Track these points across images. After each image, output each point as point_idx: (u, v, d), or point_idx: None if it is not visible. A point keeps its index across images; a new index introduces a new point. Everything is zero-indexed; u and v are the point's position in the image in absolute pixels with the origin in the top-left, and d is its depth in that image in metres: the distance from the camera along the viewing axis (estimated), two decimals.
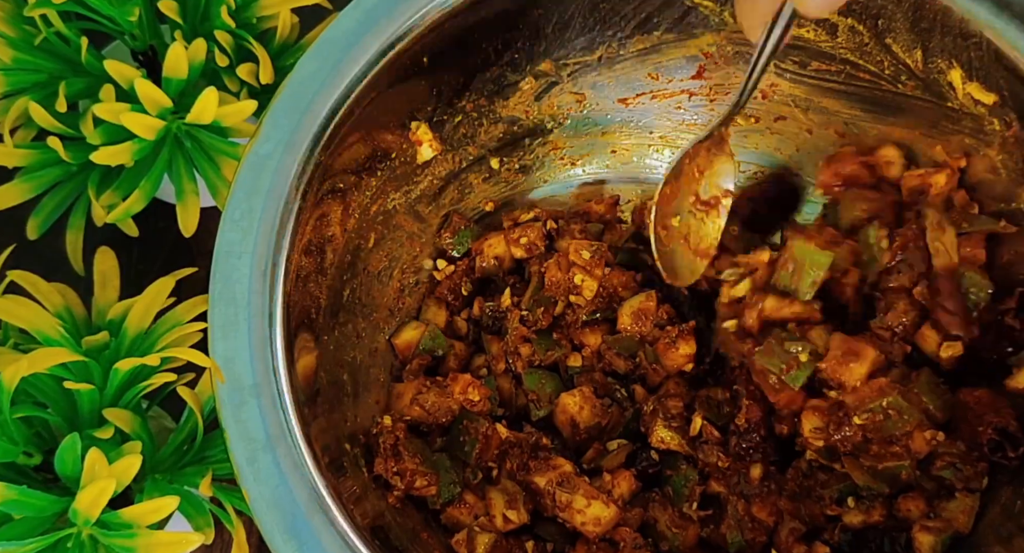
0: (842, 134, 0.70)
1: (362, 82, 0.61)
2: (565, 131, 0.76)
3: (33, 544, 0.53)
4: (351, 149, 0.63)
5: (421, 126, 0.68)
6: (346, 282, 0.66)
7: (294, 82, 0.60)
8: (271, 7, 0.69)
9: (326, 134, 0.60)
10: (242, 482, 0.53)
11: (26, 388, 0.59)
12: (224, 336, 0.56)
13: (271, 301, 0.57)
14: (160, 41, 0.72)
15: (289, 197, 0.58)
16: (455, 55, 0.66)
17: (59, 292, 0.63)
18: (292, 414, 0.55)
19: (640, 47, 0.71)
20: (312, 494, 0.53)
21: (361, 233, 0.67)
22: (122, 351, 0.61)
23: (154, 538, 0.54)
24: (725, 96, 0.73)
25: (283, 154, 0.59)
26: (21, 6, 0.67)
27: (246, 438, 0.54)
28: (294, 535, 0.52)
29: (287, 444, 0.54)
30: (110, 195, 0.68)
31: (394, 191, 0.69)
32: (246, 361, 0.55)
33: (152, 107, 0.63)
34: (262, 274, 0.57)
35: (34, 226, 0.69)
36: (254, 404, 0.54)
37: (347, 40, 0.61)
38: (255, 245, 0.57)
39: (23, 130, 0.68)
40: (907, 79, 0.65)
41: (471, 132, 0.72)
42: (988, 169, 0.63)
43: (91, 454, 0.54)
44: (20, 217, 0.69)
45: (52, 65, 0.68)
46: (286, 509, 0.53)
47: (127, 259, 0.68)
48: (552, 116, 0.75)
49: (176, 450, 0.63)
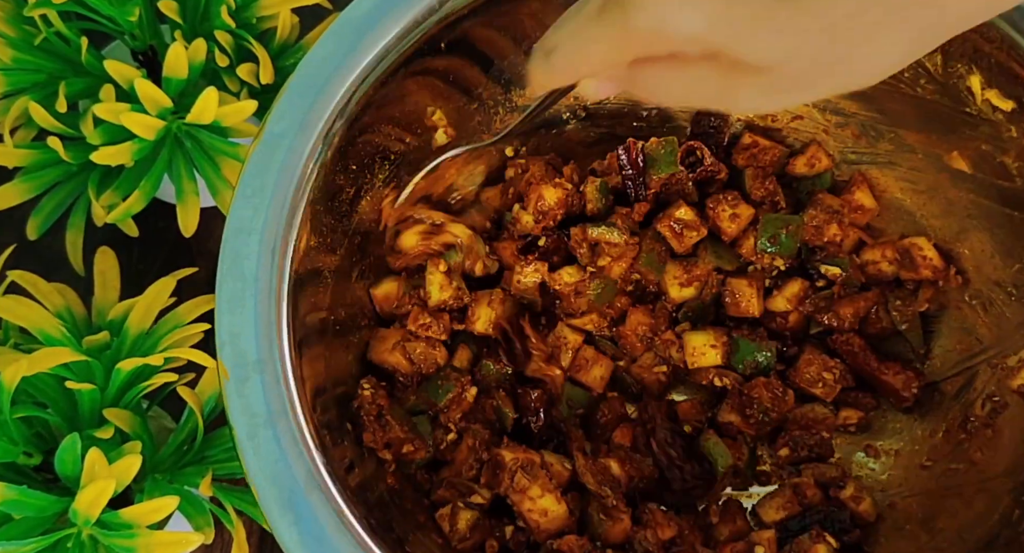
0: (858, 136, 0.70)
1: (379, 65, 0.61)
2: (581, 123, 0.75)
3: (33, 544, 0.53)
4: (365, 131, 0.63)
5: (437, 111, 0.68)
6: (355, 264, 0.66)
7: (310, 62, 0.60)
8: (271, 7, 0.69)
9: (341, 115, 0.60)
10: (242, 456, 0.53)
11: (26, 388, 0.59)
12: (231, 311, 0.56)
13: (279, 279, 0.57)
14: (160, 41, 0.72)
15: (301, 176, 0.58)
16: (473, 42, 0.66)
17: (59, 292, 0.63)
18: (294, 391, 0.55)
19: None
20: (310, 471, 0.53)
21: (373, 216, 0.67)
22: (123, 351, 0.61)
23: (154, 538, 0.54)
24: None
25: (297, 133, 0.59)
26: (21, 6, 0.67)
27: (248, 413, 0.54)
28: (291, 509, 0.52)
29: (288, 420, 0.54)
30: (110, 195, 0.68)
31: (408, 175, 0.69)
32: (251, 337, 0.55)
33: (152, 107, 0.63)
34: (271, 251, 0.57)
35: (34, 226, 0.69)
36: (257, 380, 0.54)
37: (365, 22, 0.61)
38: (265, 222, 0.57)
39: (23, 130, 0.68)
40: (926, 82, 0.65)
41: (486, 120, 0.72)
42: (1002, 176, 0.64)
43: (91, 454, 0.54)
44: (20, 217, 0.69)
45: (52, 65, 0.68)
46: (284, 484, 0.53)
47: (127, 259, 0.68)
48: (569, 107, 0.74)
49: (176, 450, 0.63)
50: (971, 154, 0.65)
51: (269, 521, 0.52)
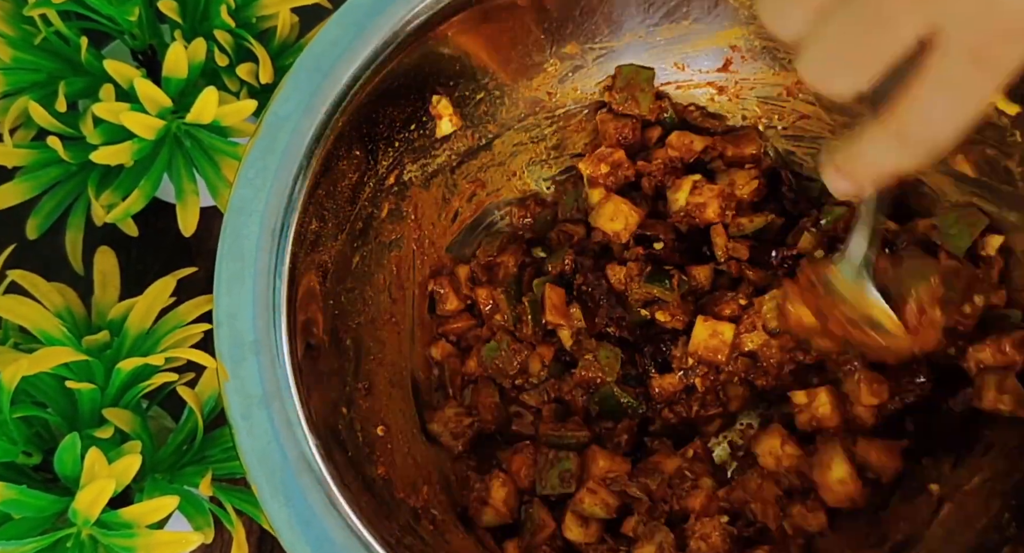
0: None
1: (385, 51, 0.61)
2: (587, 116, 0.75)
3: (33, 544, 0.53)
4: (370, 117, 0.63)
5: (442, 100, 0.68)
6: (356, 249, 0.66)
7: (317, 46, 0.60)
8: (271, 7, 0.69)
9: (345, 100, 0.60)
10: (236, 436, 0.53)
11: (26, 388, 0.59)
12: (229, 291, 0.56)
13: (278, 261, 0.57)
14: (160, 41, 0.72)
15: (304, 159, 0.59)
16: (480, 31, 0.66)
17: (59, 292, 0.63)
18: (290, 373, 0.55)
19: (668, 35, 0.71)
20: (303, 453, 0.53)
21: (375, 202, 0.67)
22: (123, 351, 0.61)
23: (154, 538, 0.54)
24: (750, 91, 0.73)
25: (301, 116, 0.59)
26: (21, 6, 0.67)
27: (243, 393, 0.54)
28: (282, 491, 0.53)
29: (282, 402, 0.54)
30: (110, 195, 0.68)
31: (411, 163, 0.69)
32: (248, 318, 0.55)
33: (152, 107, 0.63)
34: (271, 233, 0.57)
35: (34, 226, 0.69)
36: (253, 360, 0.55)
37: (373, 7, 0.61)
38: (266, 204, 0.57)
39: (23, 130, 0.68)
40: None
41: (492, 110, 0.72)
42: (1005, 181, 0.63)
43: (91, 454, 0.54)
44: (20, 217, 0.69)
45: (52, 65, 0.68)
46: (276, 465, 0.53)
47: (127, 259, 0.68)
48: (575, 100, 0.74)
49: (176, 450, 0.63)
50: (975, 158, 0.65)
51: (260, 502, 0.52)
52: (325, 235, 0.62)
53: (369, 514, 0.54)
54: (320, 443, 0.54)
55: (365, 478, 0.59)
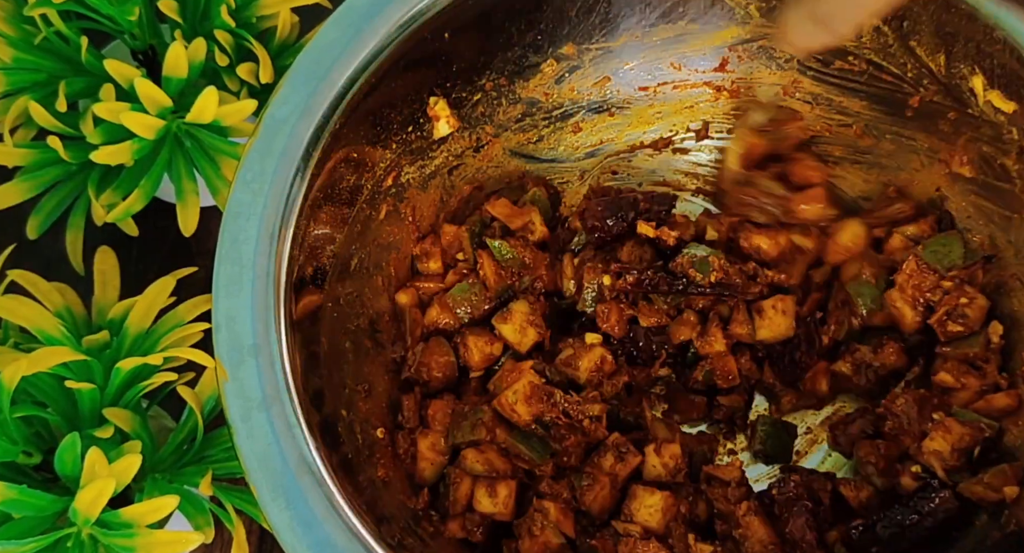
0: (860, 136, 0.70)
1: (382, 53, 0.61)
2: (584, 116, 0.76)
3: (33, 543, 0.53)
4: (367, 119, 0.63)
5: (439, 101, 0.68)
6: (354, 252, 0.66)
7: (314, 48, 0.60)
8: (271, 7, 0.69)
9: (343, 102, 0.60)
10: (235, 439, 0.54)
11: (26, 387, 0.59)
12: (227, 295, 0.56)
13: (276, 264, 0.57)
14: (160, 41, 0.72)
15: (302, 162, 0.59)
16: (477, 32, 0.66)
17: (59, 292, 0.63)
18: (289, 376, 0.55)
19: (664, 36, 0.71)
20: (303, 455, 0.54)
21: (373, 204, 0.67)
22: (123, 351, 0.61)
23: (154, 537, 0.54)
24: (747, 90, 0.73)
25: (299, 119, 0.59)
26: (21, 6, 0.67)
27: (242, 396, 0.54)
28: (282, 493, 0.53)
29: (281, 405, 0.54)
30: (110, 194, 0.68)
31: (408, 165, 0.69)
32: (247, 321, 0.56)
33: (152, 107, 0.63)
34: (269, 236, 0.57)
35: (34, 226, 0.69)
36: (252, 363, 0.55)
37: (369, 10, 0.61)
38: (264, 207, 0.58)
39: (23, 130, 0.68)
40: (929, 83, 0.65)
41: (489, 111, 0.72)
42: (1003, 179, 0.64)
43: (91, 454, 0.54)
44: (20, 217, 0.69)
45: (52, 65, 0.68)
46: (276, 467, 0.53)
47: (127, 259, 0.68)
48: (572, 100, 0.75)
49: (176, 450, 0.63)
50: (972, 156, 0.65)
51: (261, 504, 0.53)
52: (323, 238, 0.62)
53: (370, 516, 0.54)
54: (320, 445, 0.54)
55: (365, 480, 0.59)
